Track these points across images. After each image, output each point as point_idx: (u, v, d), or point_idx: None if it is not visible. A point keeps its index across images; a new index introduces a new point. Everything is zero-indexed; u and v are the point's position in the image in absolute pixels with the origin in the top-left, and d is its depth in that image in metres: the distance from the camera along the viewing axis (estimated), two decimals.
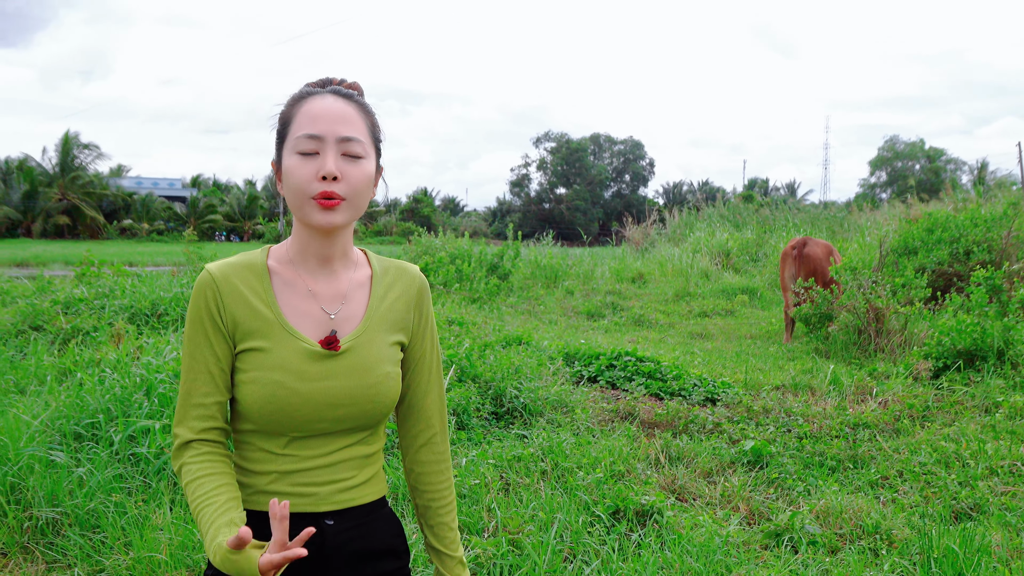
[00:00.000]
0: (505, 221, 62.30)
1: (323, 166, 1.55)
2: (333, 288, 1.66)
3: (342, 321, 1.65)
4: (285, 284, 1.64)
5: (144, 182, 64.83)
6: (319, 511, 1.63)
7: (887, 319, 8.73)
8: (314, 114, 1.58)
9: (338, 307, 1.66)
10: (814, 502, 4.40)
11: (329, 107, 1.59)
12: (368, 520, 1.70)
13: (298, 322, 1.62)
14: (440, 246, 16.33)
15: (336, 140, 1.57)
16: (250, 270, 1.63)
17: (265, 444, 1.62)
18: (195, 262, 11.40)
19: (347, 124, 1.59)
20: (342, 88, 1.65)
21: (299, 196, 1.57)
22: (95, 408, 4.62)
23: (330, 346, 1.60)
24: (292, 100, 1.65)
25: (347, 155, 1.58)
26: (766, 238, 21.88)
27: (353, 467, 1.67)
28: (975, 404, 6.28)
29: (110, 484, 3.97)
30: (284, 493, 1.61)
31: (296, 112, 1.61)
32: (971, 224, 11.70)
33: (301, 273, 1.66)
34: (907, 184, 47.83)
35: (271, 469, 1.62)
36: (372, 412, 1.64)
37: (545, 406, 5.89)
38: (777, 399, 6.54)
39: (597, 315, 13.18)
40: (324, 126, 1.57)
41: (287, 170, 1.58)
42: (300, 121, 1.59)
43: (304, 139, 1.57)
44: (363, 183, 1.60)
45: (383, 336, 1.68)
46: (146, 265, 18.81)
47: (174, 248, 33.68)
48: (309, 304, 1.64)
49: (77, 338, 7.15)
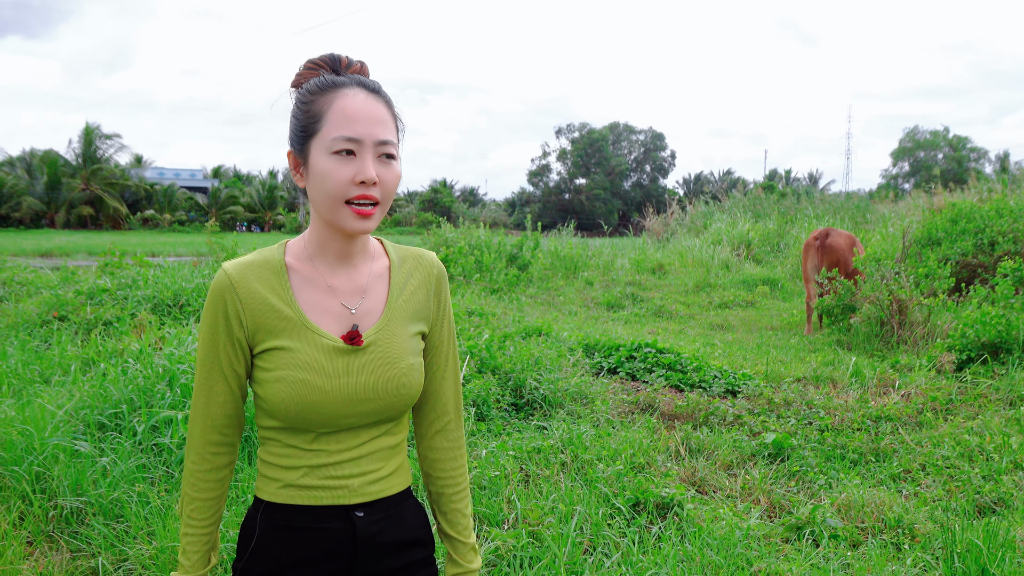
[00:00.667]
0: (524, 211, 62.20)
1: (362, 171, 1.52)
2: (352, 282, 1.65)
3: (363, 315, 1.64)
4: (304, 280, 1.62)
5: (166, 173, 65.30)
6: (350, 503, 1.63)
7: (910, 311, 8.64)
8: (351, 113, 1.54)
9: (358, 301, 1.64)
10: (835, 495, 4.37)
11: (363, 106, 1.55)
12: (396, 511, 1.70)
13: (319, 319, 1.61)
14: (459, 237, 16.33)
15: (374, 143, 1.54)
16: (268, 268, 1.61)
17: (292, 440, 1.62)
18: (217, 252, 11.47)
19: (383, 126, 1.56)
20: (367, 80, 1.61)
21: (334, 199, 1.54)
22: (118, 398, 4.66)
23: (353, 341, 1.59)
24: (316, 89, 1.58)
25: (382, 156, 1.56)
26: (787, 228, 21.73)
27: (380, 458, 1.67)
28: (999, 397, 6.22)
29: (133, 474, 4.00)
30: (315, 487, 1.62)
31: (328, 108, 1.55)
32: (996, 215, 11.56)
33: (320, 268, 1.64)
34: (931, 174, 47.32)
35: (300, 464, 1.62)
36: (397, 404, 1.64)
37: (565, 398, 5.88)
38: (798, 391, 6.50)
39: (617, 306, 13.14)
40: (363, 128, 1.54)
41: (321, 171, 1.54)
42: (335, 120, 1.54)
43: (342, 140, 1.53)
44: (395, 185, 1.59)
45: (404, 327, 1.67)
46: (168, 255, 18.90)
47: (195, 239, 33.92)
48: (329, 300, 1.62)
49: (100, 328, 7.22)
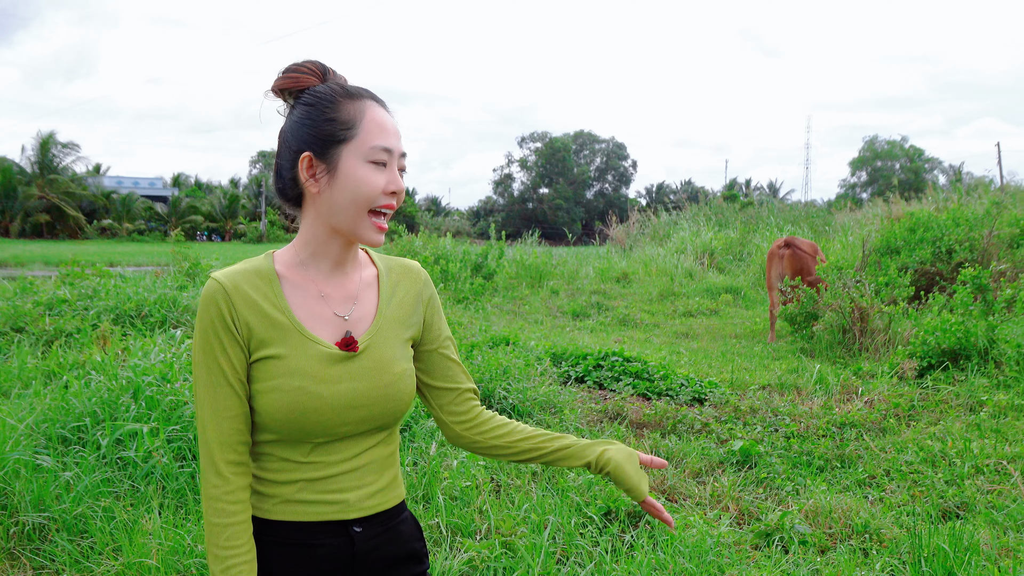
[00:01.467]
0: (488, 221, 62.26)
1: (394, 180, 1.59)
2: (344, 290, 1.65)
3: (355, 322, 1.64)
4: (296, 288, 1.61)
5: (124, 181, 64.36)
6: (348, 518, 1.61)
7: (871, 318, 8.78)
8: (383, 125, 1.59)
9: (350, 308, 1.64)
10: (803, 502, 4.42)
11: (389, 120, 1.61)
12: (393, 524, 1.69)
13: (313, 326, 1.60)
14: (423, 246, 16.29)
15: (398, 155, 1.61)
16: (258, 276, 1.60)
17: (287, 453, 1.59)
18: (180, 262, 11.31)
19: (401, 139, 1.63)
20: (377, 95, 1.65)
21: (362, 206, 1.56)
22: (81, 411, 4.57)
23: (348, 347, 1.59)
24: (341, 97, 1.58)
25: (400, 170, 1.62)
26: (750, 237, 21.97)
27: (376, 470, 1.66)
28: (960, 403, 6.33)
29: (98, 488, 3.93)
30: (312, 502, 1.59)
31: (362, 117, 1.57)
32: (953, 224, 11.80)
33: (312, 276, 1.63)
34: (889, 183, 48.20)
35: (296, 478, 1.59)
36: (392, 411, 1.64)
37: (534, 407, 5.89)
38: (764, 399, 6.57)
39: (582, 315, 13.19)
40: (394, 140, 1.60)
41: (356, 177, 1.55)
42: (371, 129, 1.57)
43: (381, 151, 1.56)
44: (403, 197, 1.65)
45: (395, 334, 1.67)
46: (127, 265, 18.65)
47: (155, 248, 33.50)
48: (322, 307, 1.62)
49: (61, 340, 7.08)
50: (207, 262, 11.55)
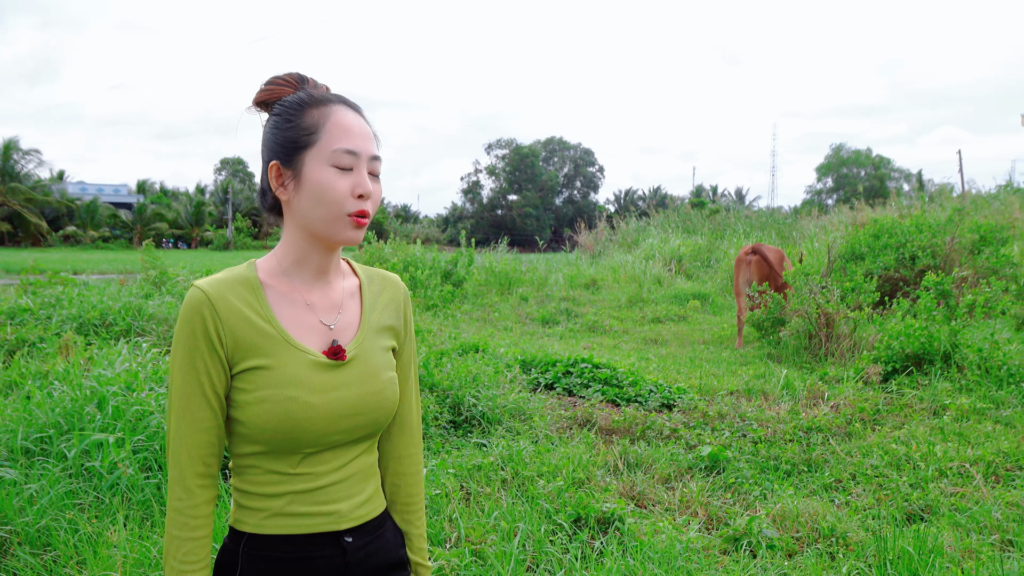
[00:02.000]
0: (458, 228, 62.19)
1: (360, 184, 1.55)
2: (329, 299, 1.64)
3: (340, 331, 1.63)
4: (281, 297, 1.60)
5: (88, 188, 63.45)
6: (340, 529, 1.60)
7: (837, 324, 8.89)
8: (348, 128, 1.56)
9: (335, 317, 1.64)
10: (771, 506, 4.46)
11: (357, 123, 1.58)
12: (380, 533, 1.69)
13: (300, 335, 1.58)
14: (392, 253, 16.25)
15: (368, 158, 1.57)
16: (243, 285, 1.57)
17: (276, 465, 1.55)
18: (148, 270, 11.18)
19: (372, 142, 1.60)
20: (350, 100, 1.63)
21: (333, 211, 1.54)
22: (45, 422, 4.50)
23: (336, 356, 1.57)
24: (306, 103, 1.58)
25: (372, 173, 1.59)
26: (717, 244, 22.15)
27: (363, 478, 1.66)
28: (924, 407, 6.42)
29: (62, 501, 3.87)
30: (304, 514, 1.57)
31: (325, 121, 1.55)
32: (916, 230, 11.98)
33: (296, 285, 1.62)
34: (855, 190, 48.87)
35: (286, 491, 1.56)
36: (379, 419, 1.64)
37: (503, 414, 5.89)
38: (732, 404, 6.62)
39: (552, 322, 13.22)
40: (360, 143, 1.56)
41: (319, 182, 1.53)
42: (334, 132, 1.55)
43: (343, 153, 1.54)
44: (379, 203, 1.63)
45: (379, 343, 1.67)
46: (91, 273, 18.40)
47: (120, 256, 33.02)
48: (308, 316, 1.61)
49: (23, 349, 6.97)
50: (175, 270, 11.44)
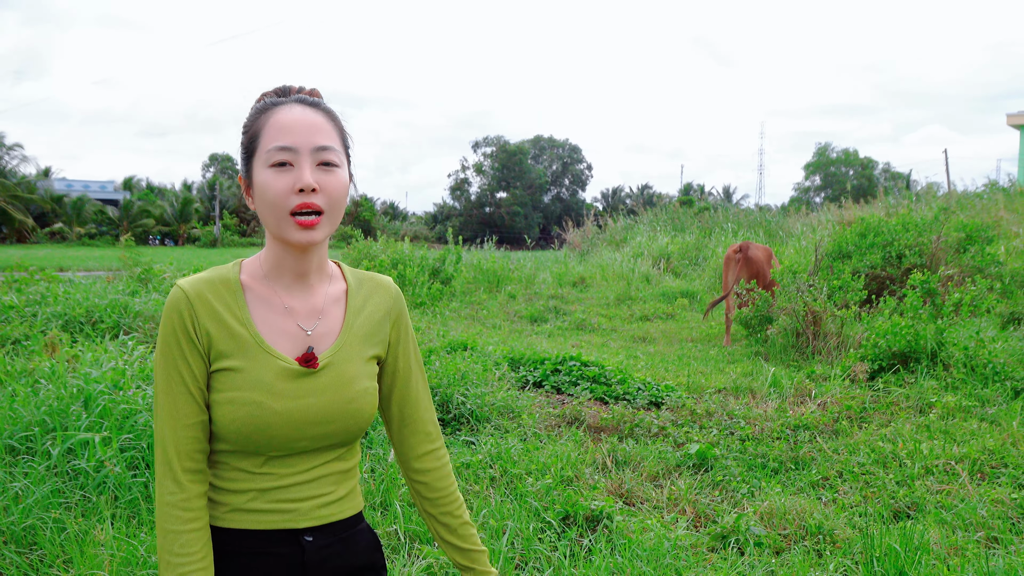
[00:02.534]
0: (446, 225, 62.11)
1: (300, 178, 1.50)
2: (309, 304, 1.63)
3: (318, 337, 1.61)
4: (260, 300, 1.59)
5: (74, 185, 62.99)
6: (298, 527, 1.60)
7: (824, 322, 8.92)
8: (284, 124, 1.53)
9: (315, 323, 1.62)
10: (758, 504, 4.47)
11: (299, 117, 1.54)
12: (347, 535, 1.67)
13: (274, 340, 1.57)
14: (380, 251, 16.22)
15: (311, 150, 1.52)
16: (223, 286, 1.58)
17: (241, 464, 1.58)
18: (132, 267, 11.12)
19: (320, 133, 1.54)
20: (306, 96, 1.60)
21: (276, 212, 1.52)
22: (30, 420, 4.47)
23: (308, 363, 1.56)
24: (256, 112, 1.59)
25: (322, 164, 1.53)
26: (705, 242, 22.19)
27: (331, 483, 1.64)
28: (910, 405, 6.46)
29: (48, 500, 3.85)
30: (262, 511, 1.58)
31: (264, 124, 1.55)
32: (903, 229, 12.03)
33: (276, 289, 1.61)
34: (843, 188, 49.10)
35: (248, 487, 1.58)
36: (351, 428, 1.61)
37: (492, 412, 5.89)
38: (719, 402, 6.64)
39: (540, 319, 13.22)
40: (297, 136, 1.52)
41: (261, 185, 1.53)
42: (270, 133, 1.53)
43: (276, 151, 1.51)
44: (340, 193, 1.56)
45: (360, 351, 1.65)
46: (78, 270, 18.28)
47: (106, 252, 32.85)
48: (285, 321, 1.59)
49: (7, 347, 6.92)
50: (160, 267, 11.38)
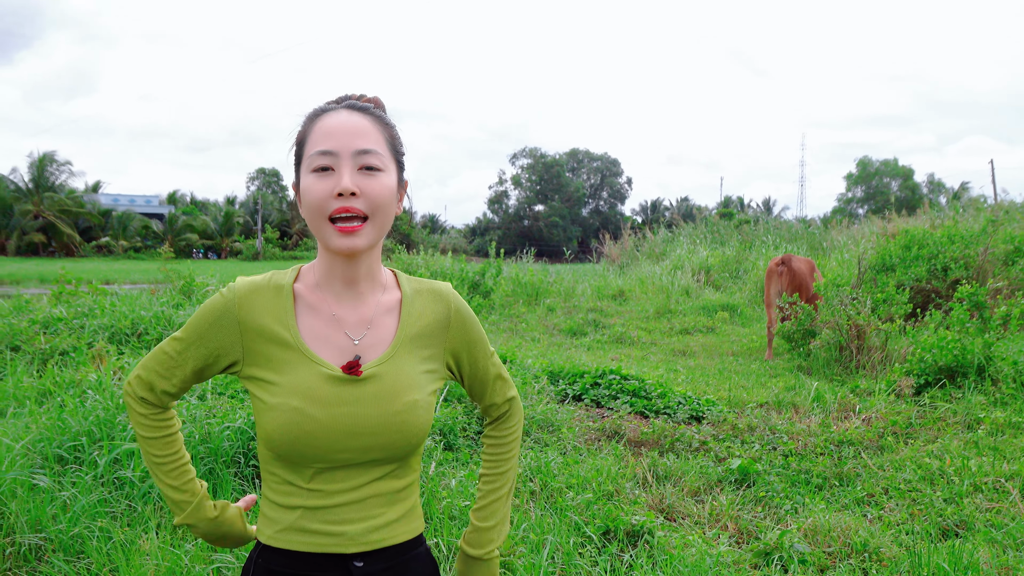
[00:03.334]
0: (485, 238, 62.32)
1: (339, 182, 1.48)
2: (358, 313, 1.60)
3: (367, 347, 1.58)
4: (309, 308, 1.58)
5: (120, 199, 64.35)
6: (348, 552, 1.55)
7: (868, 336, 8.79)
8: (328, 129, 1.53)
9: (363, 332, 1.59)
10: (802, 520, 4.41)
11: (343, 121, 1.54)
12: (401, 561, 1.62)
13: (319, 347, 1.56)
14: (421, 264, 16.32)
15: (352, 154, 1.51)
16: (276, 292, 1.58)
17: (290, 476, 1.56)
18: (173, 280, 11.30)
19: (362, 136, 1.53)
20: (357, 102, 1.60)
21: (316, 217, 1.51)
22: (77, 431, 4.55)
23: (351, 371, 1.53)
24: (307, 119, 1.59)
25: (364, 168, 1.51)
26: (746, 255, 22.01)
27: (383, 503, 1.59)
28: (957, 420, 6.33)
29: (94, 508, 3.91)
30: (312, 531, 1.54)
31: (311, 130, 1.56)
32: (948, 241, 11.84)
33: (326, 297, 1.59)
34: (886, 200, 48.42)
35: (297, 504, 1.55)
36: (399, 443, 1.56)
37: (531, 425, 5.87)
38: (761, 416, 6.56)
39: (579, 332, 13.19)
40: (337, 140, 1.51)
41: (304, 190, 1.53)
42: (314, 138, 1.53)
43: (318, 155, 1.51)
44: (384, 197, 1.53)
45: (413, 363, 1.61)
46: (123, 283, 18.62)
47: (150, 265, 33.40)
48: (332, 329, 1.58)
49: (56, 358, 7.06)
50: (202, 279, 11.54)
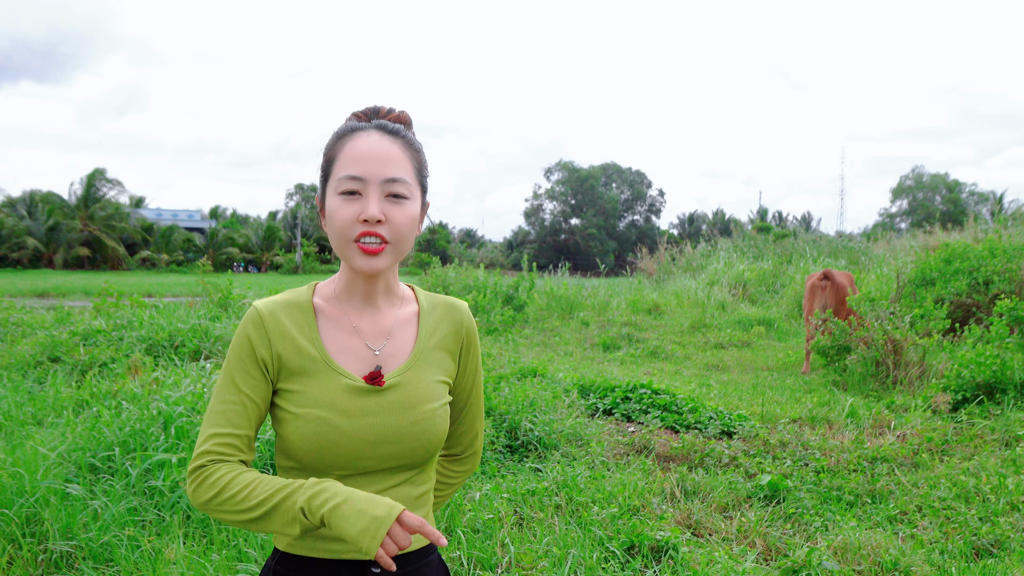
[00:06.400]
0: (521, 252, 62.40)
1: (365, 208, 1.52)
2: (378, 325, 1.65)
3: (387, 357, 1.63)
4: (330, 321, 1.63)
5: (164, 213, 65.50)
6: (365, 558, 1.58)
7: (905, 351, 8.65)
8: (358, 153, 1.55)
9: (383, 343, 1.64)
10: (832, 538, 4.34)
11: (373, 146, 1.56)
12: (417, 567, 1.65)
13: (343, 359, 1.60)
14: (455, 277, 16.40)
15: (380, 182, 1.54)
16: (296, 308, 1.63)
17: None
18: (212, 293, 11.47)
19: (391, 165, 1.56)
20: (388, 123, 1.62)
21: (341, 238, 1.55)
22: (112, 441, 4.64)
23: (374, 381, 1.58)
24: (336, 136, 1.62)
25: (391, 196, 1.55)
26: (783, 268, 21.78)
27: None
28: (995, 438, 6.20)
29: (124, 517, 3.97)
30: (330, 537, 1.57)
31: (340, 150, 1.58)
32: (990, 255, 11.61)
33: (346, 310, 1.65)
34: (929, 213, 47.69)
35: None
36: (418, 450, 1.61)
37: (560, 439, 5.86)
38: (794, 432, 6.48)
39: (613, 347, 13.13)
40: (368, 167, 1.54)
41: (329, 211, 1.56)
42: (343, 160, 1.56)
43: (347, 180, 1.54)
44: (407, 225, 1.57)
45: (430, 373, 1.66)
46: (164, 296, 18.92)
47: (191, 279, 33.92)
48: (353, 340, 1.62)
49: (95, 369, 7.20)
50: (239, 292, 11.69)
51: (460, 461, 1.88)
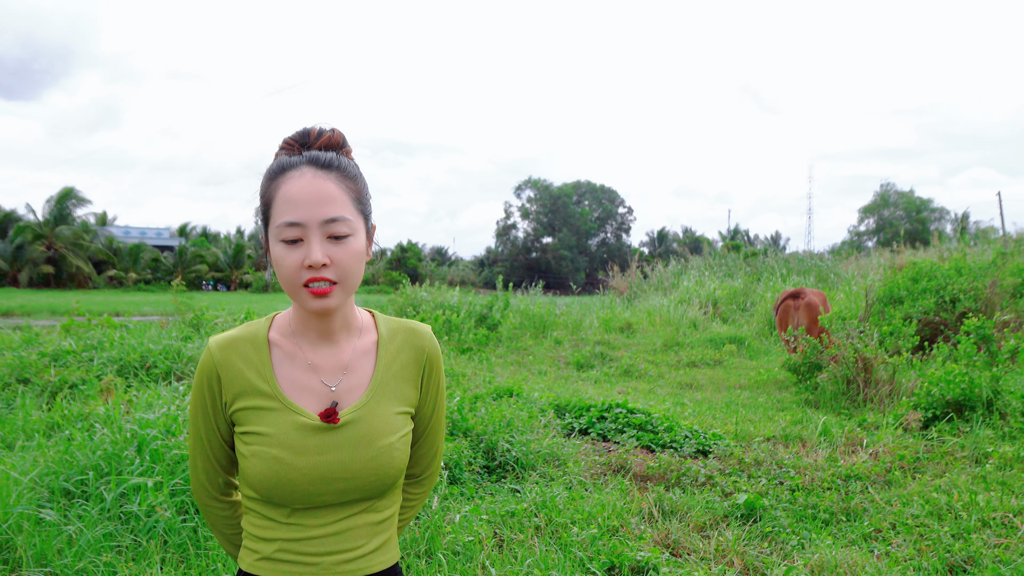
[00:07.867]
0: (493, 270, 62.47)
1: (309, 255, 1.50)
2: (335, 359, 1.64)
3: (344, 392, 1.62)
4: (285, 356, 1.62)
5: (132, 231, 64.75)
6: None
7: (875, 369, 8.76)
8: (293, 197, 1.51)
9: (339, 378, 1.63)
10: (808, 556, 4.38)
11: (307, 188, 1.52)
12: None
13: (297, 396, 1.59)
14: (428, 297, 16.36)
15: (319, 223, 1.51)
16: (251, 344, 1.62)
17: (270, 513, 1.60)
18: (184, 312, 11.35)
19: (328, 205, 1.52)
20: (320, 155, 1.57)
21: (290, 284, 1.54)
22: (85, 464, 4.57)
23: (329, 419, 1.57)
24: (269, 176, 1.58)
25: (332, 237, 1.52)
26: (754, 287, 21.98)
27: (362, 535, 1.63)
28: (965, 455, 6.29)
29: (100, 543, 3.92)
30: (288, 561, 1.58)
31: (276, 193, 1.54)
32: (956, 273, 11.81)
33: (302, 345, 1.63)
34: (895, 232, 48.38)
35: (276, 536, 1.59)
36: (375, 484, 1.61)
37: (537, 459, 5.87)
38: (768, 451, 6.54)
39: (586, 365, 13.17)
40: (305, 212, 1.51)
41: (275, 258, 1.54)
42: (280, 206, 1.53)
43: (286, 227, 1.51)
44: (353, 263, 1.55)
45: (389, 406, 1.64)
46: (133, 315, 18.72)
47: (161, 297, 33.52)
48: (309, 377, 1.61)
49: (65, 391, 7.09)
50: (212, 313, 11.59)
51: (419, 483, 1.86)
